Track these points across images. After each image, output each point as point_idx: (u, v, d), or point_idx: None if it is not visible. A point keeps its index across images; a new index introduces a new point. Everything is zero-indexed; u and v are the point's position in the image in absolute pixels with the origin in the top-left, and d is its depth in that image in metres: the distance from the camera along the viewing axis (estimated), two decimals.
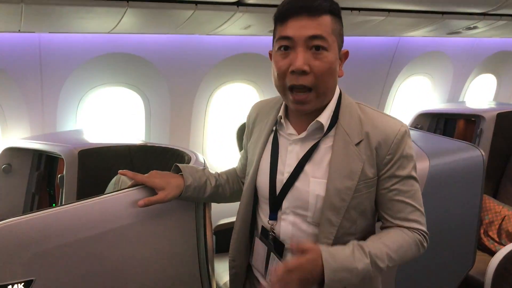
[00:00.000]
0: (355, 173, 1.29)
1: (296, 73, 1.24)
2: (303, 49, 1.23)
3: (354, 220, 1.34)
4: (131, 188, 1.62)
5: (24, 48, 2.64)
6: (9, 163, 2.71)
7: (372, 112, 1.36)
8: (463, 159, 2.36)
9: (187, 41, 3.06)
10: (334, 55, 1.26)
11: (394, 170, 1.31)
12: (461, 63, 4.66)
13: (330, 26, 1.24)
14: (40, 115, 2.88)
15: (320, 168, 1.33)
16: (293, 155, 1.37)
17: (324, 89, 1.27)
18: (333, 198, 1.30)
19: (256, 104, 1.60)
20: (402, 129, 1.31)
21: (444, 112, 4.16)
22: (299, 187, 1.35)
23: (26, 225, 1.41)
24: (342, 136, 1.32)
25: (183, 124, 3.40)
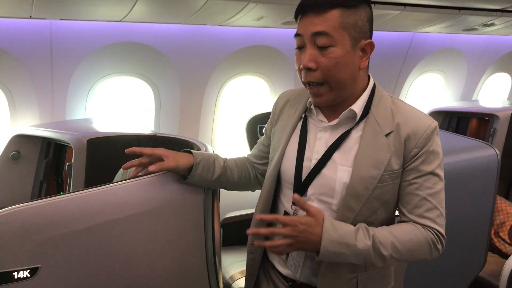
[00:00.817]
0: (381, 163, 1.30)
1: (304, 70, 1.28)
2: (311, 46, 1.26)
3: (374, 209, 1.34)
4: (139, 177, 1.60)
5: (35, 34, 2.63)
6: (18, 150, 2.71)
7: (404, 105, 1.38)
8: (477, 157, 2.32)
9: (199, 31, 3.04)
10: (343, 49, 1.25)
11: (418, 164, 1.31)
12: (475, 61, 4.59)
13: (338, 21, 1.24)
14: (50, 103, 2.87)
15: (348, 157, 1.33)
16: (322, 142, 1.38)
17: (336, 83, 1.28)
18: (356, 185, 1.30)
19: (285, 92, 1.60)
20: (433, 125, 1.32)
21: (457, 110, 4.11)
22: (326, 174, 1.35)
23: (33, 212, 1.40)
24: (373, 126, 1.33)
25: (193, 115, 3.38)
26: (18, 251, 1.37)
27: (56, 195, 1.46)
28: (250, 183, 1.68)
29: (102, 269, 1.51)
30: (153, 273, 1.61)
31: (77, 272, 1.47)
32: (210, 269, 1.72)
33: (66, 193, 2.43)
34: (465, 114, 4.05)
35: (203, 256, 1.71)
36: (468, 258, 2.38)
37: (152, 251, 1.60)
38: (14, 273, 1.37)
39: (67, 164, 2.32)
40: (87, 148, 2.29)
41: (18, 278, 1.37)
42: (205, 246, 1.70)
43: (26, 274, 1.38)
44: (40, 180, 2.76)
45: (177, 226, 1.64)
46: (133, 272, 1.57)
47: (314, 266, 1.43)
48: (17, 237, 1.37)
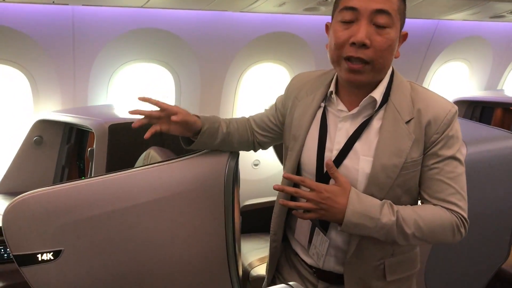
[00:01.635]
0: (403, 151, 1.28)
1: (356, 45, 1.22)
2: (367, 22, 1.21)
3: (398, 197, 1.32)
4: (160, 163, 1.61)
5: (57, 20, 2.65)
6: (41, 135, 2.75)
7: (424, 91, 1.35)
8: (502, 148, 2.27)
9: (220, 18, 3.02)
10: (396, 33, 1.25)
11: (438, 149, 1.29)
12: (501, 49, 4.48)
13: (397, 4, 1.24)
14: (72, 89, 2.90)
15: (370, 146, 1.32)
16: (343, 132, 1.36)
17: (381, 65, 1.26)
18: (379, 174, 1.29)
19: (300, 76, 1.56)
20: (453, 110, 1.30)
21: (481, 99, 4.02)
22: (347, 165, 1.33)
23: (56, 195, 1.42)
24: (393, 113, 1.30)
25: (213, 102, 3.38)
26: (41, 234, 1.40)
27: (78, 179, 1.47)
28: (247, 146, 1.66)
29: (123, 253, 1.53)
30: (174, 258, 1.62)
31: (100, 256, 1.49)
32: (229, 256, 1.72)
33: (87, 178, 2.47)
34: (490, 104, 3.97)
35: (223, 242, 1.71)
36: (491, 251, 2.34)
37: (173, 236, 1.60)
38: (38, 255, 1.39)
39: (89, 149, 2.35)
40: (108, 133, 2.30)
41: (42, 260, 1.40)
42: (225, 233, 1.71)
43: (49, 257, 1.40)
44: (62, 165, 2.80)
45: (198, 212, 1.64)
46: (154, 256, 1.58)
47: (339, 254, 1.42)
48: (40, 220, 1.39)
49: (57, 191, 1.43)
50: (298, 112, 1.47)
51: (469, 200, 2.10)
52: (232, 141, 1.59)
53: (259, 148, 1.68)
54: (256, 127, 1.63)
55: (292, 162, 1.46)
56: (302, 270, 1.55)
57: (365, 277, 1.40)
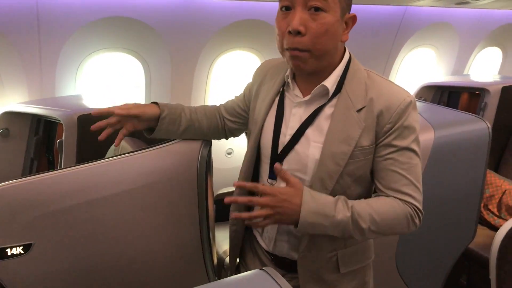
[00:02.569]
0: (352, 138, 1.28)
1: (293, 33, 1.22)
2: (301, 9, 1.21)
3: (348, 185, 1.33)
4: (131, 153, 1.59)
5: (21, 9, 2.56)
6: (7, 128, 2.68)
7: (380, 80, 1.34)
8: (469, 131, 2.33)
9: (190, 5, 2.98)
10: (334, 17, 1.23)
11: (391, 139, 1.29)
12: (467, 35, 4.58)
13: None
14: (39, 80, 2.82)
15: (321, 133, 1.33)
16: (296, 118, 1.37)
17: (321, 51, 1.25)
18: (327, 161, 1.30)
19: (266, 62, 1.58)
20: (408, 99, 1.29)
21: (448, 85, 4.11)
22: (299, 150, 1.35)
23: (25, 188, 1.40)
24: (345, 101, 1.31)
25: (184, 91, 3.35)
26: (10, 228, 1.37)
27: (48, 171, 1.45)
28: (218, 133, 1.67)
29: (96, 245, 1.51)
30: (148, 248, 1.61)
31: (71, 248, 1.47)
32: (204, 244, 1.72)
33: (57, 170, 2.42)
34: (456, 89, 4.06)
35: (197, 231, 1.71)
36: (458, 231, 2.41)
37: (146, 226, 1.60)
38: (7, 250, 1.37)
39: (58, 141, 2.30)
40: (77, 124, 2.27)
41: (12, 254, 1.37)
42: (199, 221, 1.71)
43: (19, 251, 1.38)
44: (31, 157, 2.74)
45: (172, 202, 1.64)
46: (127, 247, 1.57)
47: (291, 240, 1.44)
48: (9, 213, 1.37)
49: (25, 184, 1.40)
50: (260, 97, 1.49)
51: (437, 182, 2.16)
52: (201, 127, 1.60)
53: (231, 135, 1.70)
54: (226, 114, 1.64)
55: (251, 146, 1.48)
56: (262, 257, 1.57)
57: (318, 270, 1.43)
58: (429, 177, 2.13)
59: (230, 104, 1.66)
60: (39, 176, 1.43)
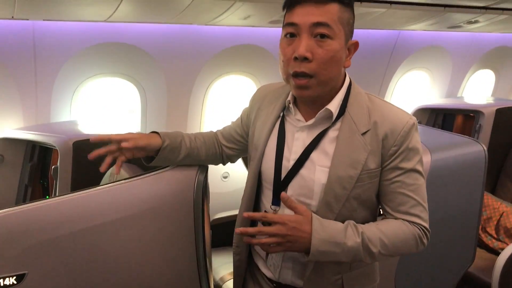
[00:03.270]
0: (358, 162, 1.29)
1: (299, 60, 1.23)
2: (307, 36, 1.23)
3: (353, 209, 1.33)
4: (127, 179, 1.58)
5: (17, 35, 2.58)
6: (2, 154, 2.66)
7: (381, 103, 1.36)
8: (465, 153, 2.33)
9: (185, 31, 3.01)
10: (339, 44, 1.25)
11: (398, 162, 1.30)
12: (460, 58, 4.63)
13: (337, 15, 1.24)
14: (34, 105, 2.82)
15: (326, 157, 1.32)
16: (300, 142, 1.36)
17: (326, 77, 1.26)
18: (334, 185, 1.29)
19: (263, 87, 1.58)
20: (411, 121, 1.30)
21: (443, 107, 4.14)
22: (304, 175, 1.34)
23: (18, 217, 1.37)
24: (349, 125, 1.31)
25: (180, 115, 3.36)
26: (3, 258, 1.34)
27: (42, 199, 1.43)
28: (216, 160, 1.66)
29: (91, 274, 1.49)
30: (143, 276, 1.58)
31: (65, 278, 1.44)
32: (201, 271, 1.70)
33: (52, 196, 2.40)
34: (451, 111, 4.08)
35: (193, 257, 1.69)
36: (457, 254, 2.39)
37: (142, 253, 1.57)
38: (0, 280, 1.33)
39: (53, 167, 2.29)
40: (73, 150, 2.25)
41: (4, 285, 1.34)
42: (196, 248, 1.69)
43: (12, 281, 1.35)
44: (25, 183, 2.71)
45: (167, 228, 1.62)
46: (123, 275, 1.54)
47: (296, 267, 1.42)
48: (2, 243, 1.34)
49: (19, 213, 1.38)
50: (259, 122, 1.48)
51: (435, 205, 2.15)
52: (199, 154, 1.59)
53: (228, 161, 1.69)
54: (223, 140, 1.63)
55: (252, 172, 1.47)
56: (264, 285, 1.54)
57: None
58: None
59: (228, 130, 1.65)
60: (33, 204, 1.41)
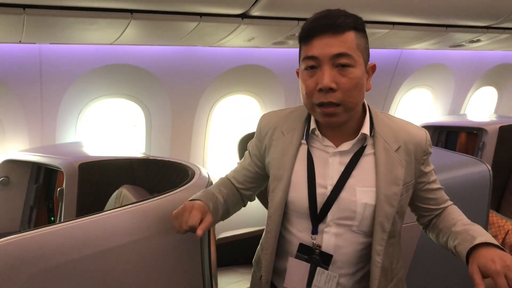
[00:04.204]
0: (399, 178, 1.34)
1: (324, 91, 1.25)
2: (329, 67, 1.24)
3: (395, 222, 1.38)
4: (133, 204, 1.58)
5: (24, 58, 2.61)
6: (7, 176, 2.67)
7: (399, 120, 1.44)
8: (470, 174, 2.33)
9: (189, 52, 3.04)
10: (360, 70, 1.27)
11: (428, 167, 1.44)
12: (462, 75, 4.65)
13: (355, 42, 1.26)
14: (39, 127, 2.84)
15: (366, 177, 1.35)
16: (335, 167, 1.37)
17: (352, 104, 1.28)
18: (384, 205, 1.33)
19: (268, 116, 1.55)
20: (426, 131, 1.44)
21: (446, 125, 4.14)
22: (345, 198, 1.35)
23: (25, 243, 1.37)
24: (382, 144, 1.36)
25: (184, 135, 3.37)
26: (11, 284, 1.34)
27: (48, 225, 1.43)
28: (240, 205, 1.63)
29: None
30: None
31: None
32: None
33: (57, 218, 2.40)
34: (454, 129, 4.08)
35: (199, 279, 1.69)
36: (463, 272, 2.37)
37: (148, 278, 1.57)
38: None
39: (59, 189, 2.29)
40: (78, 172, 2.26)
41: None
42: (202, 269, 1.68)
43: None
44: (31, 205, 2.71)
45: (174, 251, 1.62)
46: None
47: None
48: (8, 270, 1.34)
49: (25, 239, 1.38)
50: (277, 151, 1.45)
51: None
52: (228, 208, 1.56)
53: (247, 201, 1.65)
54: (239, 184, 1.60)
55: (277, 203, 1.42)
56: None
57: None
58: None
59: (239, 173, 1.60)
60: (41, 230, 1.40)
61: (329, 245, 1.38)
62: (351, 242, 1.37)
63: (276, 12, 2.31)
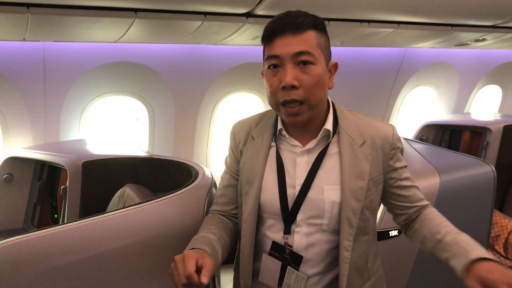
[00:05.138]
0: (364, 172, 1.35)
1: (287, 89, 1.27)
2: (291, 65, 1.26)
3: (367, 218, 1.38)
4: (136, 205, 1.58)
5: (28, 56, 2.61)
6: (11, 173, 2.67)
7: (365, 117, 1.45)
8: (474, 175, 2.33)
9: (193, 50, 3.03)
10: (321, 68, 1.29)
11: (396, 163, 1.42)
12: (466, 74, 4.64)
13: (315, 41, 1.28)
14: (43, 124, 2.84)
15: (332, 174, 1.36)
16: (302, 167, 1.38)
17: (315, 101, 1.30)
18: (349, 200, 1.33)
19: (238, 124, 1.57)
20: (395, 128, 1.44)
21: (450, 123, 4.12)
22: (312, 197, 1.36)
23: (28, 244, 1.38)
24: (347, 139, 1.37)
25: (188, 133, 3.37)
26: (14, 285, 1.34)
27: (52, 226, 1.43)
28: (235, 234, 1.54)
29: None
30: None
31: None
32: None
33: (60, 216, 2.40)
34: (458, 127, 4.07)
35: None
36: None
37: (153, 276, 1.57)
38: None
39: (62, 187, 2.29)
40: (82, 171, 2.26)
41: None
42: None
43: None
44: (34, 202, 2.72)
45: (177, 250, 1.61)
46: None
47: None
48: (12, 271, 1.34)
49: (29, 240, 1.38)
50: (248, 155, 1.45)
51: None
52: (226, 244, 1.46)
53: None
54: (226, 207, 1.54)
55: (251, 206, 1.41)
56: None
57: None
58: None
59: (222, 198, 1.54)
60: (44, 231, 1.41)
61: (300, 245, 1.38)
62: (321, 241, 1.38)
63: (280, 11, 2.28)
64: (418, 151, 2.58)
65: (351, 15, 1.19)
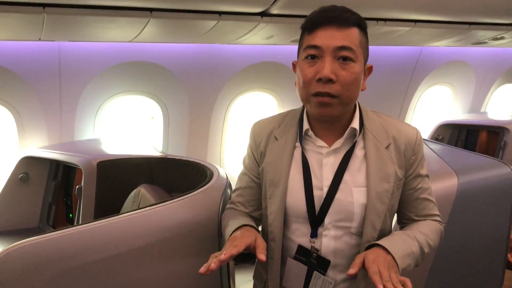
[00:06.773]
0: (390, 175, 1.33)
1: (323, 81, 1.23)
2: (331, 59, 1.23)
3: (385, 221, 1.36)
4: (152, 206, 1.58)
5: (43, 56, 2.62)
6: (26, 172, 2.69)
7: (389, 118, 1.42)
8: (493, 176, 2.28)
9: (207, 49, 3.03)
10: (360, 67, 1.26)
11: (418, 170, 1.39)
12: (483, 73, 4.57)
13: (358, 39, 1.25)
14: (58, 124, 2.86)
15: (359, 176, 1.33)
16: (329, 168, 1.34)
17: (348, 98, 1.27)
18: (375, 202, 1.31)
19: (258, 124, 1.52)
20: (419, 132, 1.41)
21: (466, 123, 4.07)
22: (341, 199, 1.32)
23: (44, 246, 1.37)
24: (372, 140, 1.34)
25: (201, 133, 3.37)
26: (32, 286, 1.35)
27: (67, 227, 1.43)
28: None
29: None
30: None
31: None
32: None
33: (75, 215, 2.42)
34: (475, 127, 4.02)
35: (217, 277, 1.68)
36: (486, 277, 2.34)
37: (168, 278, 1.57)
38: None
39: (77, 187, 2.30)
40: (97, 170, 2.26)
41: None
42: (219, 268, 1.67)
43: None
44: (49, 202, 2.74)
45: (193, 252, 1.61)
46: None
47: None
48: (29, 272, 1.34)
49: (48, 240, 1.38)
50: (271, 157, 1.41)
51: (462, 228, 2.11)
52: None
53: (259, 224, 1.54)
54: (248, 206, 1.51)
55: (277, 209, 1.38)
56: None
57: None
58: (453, 224, 2.08)
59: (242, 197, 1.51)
60: (60, 232, 1.41)
61: (328, 249, 1.35)
62: (350, 245, 1.35)
63: (295, 10, 2.29)
64: (435, 152, 2.54)
65: (367, 13, 1.18)
